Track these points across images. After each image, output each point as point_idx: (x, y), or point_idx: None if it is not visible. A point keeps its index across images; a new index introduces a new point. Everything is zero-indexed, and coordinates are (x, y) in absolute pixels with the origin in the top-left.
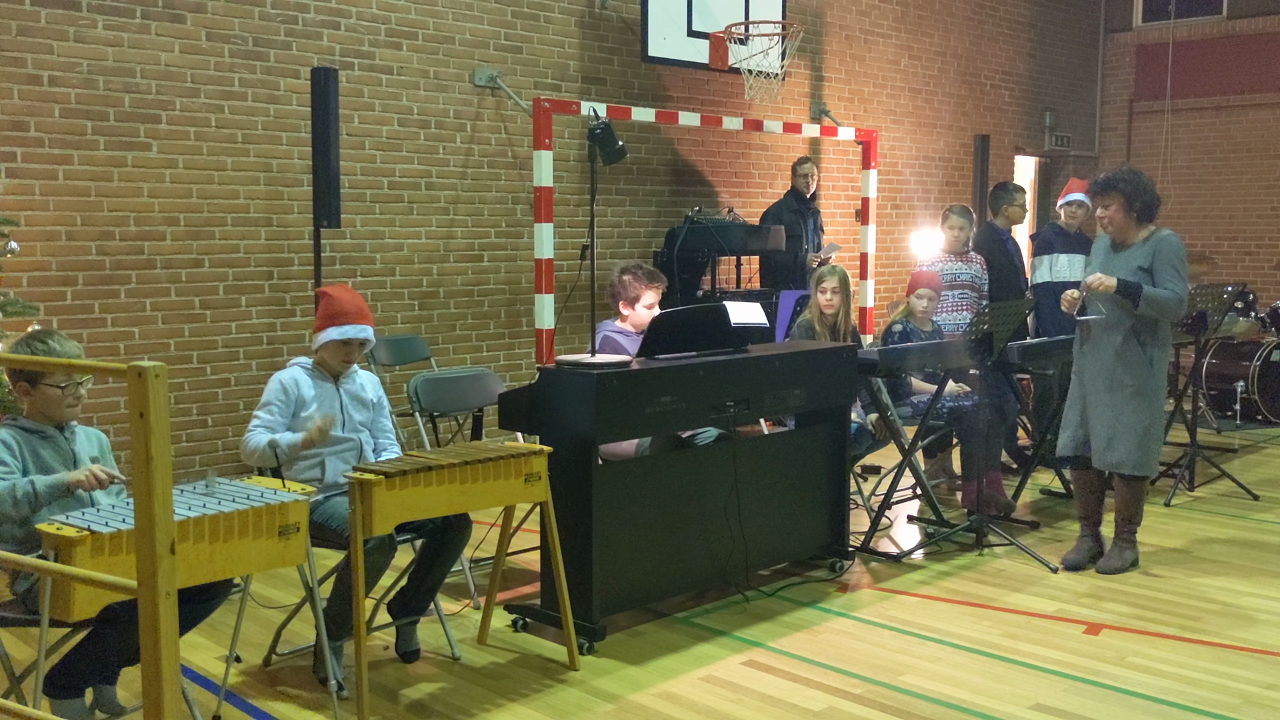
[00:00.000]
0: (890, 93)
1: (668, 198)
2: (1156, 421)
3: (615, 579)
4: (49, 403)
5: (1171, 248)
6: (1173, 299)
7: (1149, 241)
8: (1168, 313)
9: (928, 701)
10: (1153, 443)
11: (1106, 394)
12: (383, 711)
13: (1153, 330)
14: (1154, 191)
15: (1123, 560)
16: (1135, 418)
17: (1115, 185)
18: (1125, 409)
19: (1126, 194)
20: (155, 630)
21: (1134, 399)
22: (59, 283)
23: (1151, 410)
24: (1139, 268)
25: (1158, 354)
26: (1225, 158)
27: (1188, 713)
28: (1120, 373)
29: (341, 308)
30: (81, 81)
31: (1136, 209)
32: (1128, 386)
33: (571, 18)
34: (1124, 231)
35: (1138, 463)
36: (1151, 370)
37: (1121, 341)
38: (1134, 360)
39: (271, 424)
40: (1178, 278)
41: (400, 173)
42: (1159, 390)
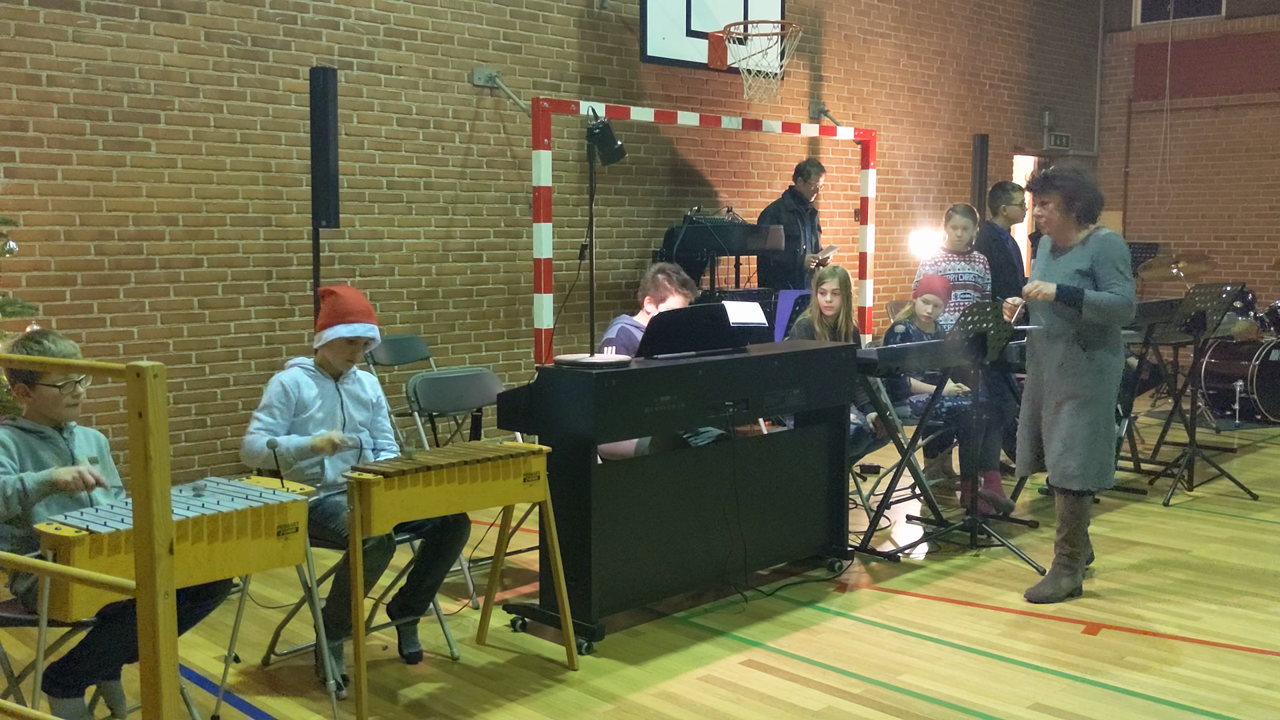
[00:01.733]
0: (889, 92)
1: (667, 197)
2: (1105, 432)
3: (614, 579)
4: (47, 403)
5: (1112, 247)
6: (1119, 302)
7: (1088, 243)
8: (1115, 317)
9: (926, 701)
10: (1095, 454)
11: (1054, 408)
12: (381, 711)
13: (1100, 336)
14: (1096, 191)
15: (1055, 588)
16: (1082, 429)
17: (1054, 183)
18: (1072, 421)
19: (1066, 192)
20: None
21: (1081, 410)
22: (58, 283)
23: (1099, 420)
24: (1078, 271)
25: (1106, 360)
26: (1224, 157)
27: (1186, 712)
28: (1066, 384)
29: (348, 306)
30: (80, 81)
31: (1076, 209)
32: (1075, 397)
33: (570, 17)
34: (1062, 232)
35: (1073, 473)
36: (1101, 378)
37: (1065, 351)
38: (1080, 369)
39: (273, 427)
40: (1122, 279)
41: (399, 172)
42: (1108, 400)
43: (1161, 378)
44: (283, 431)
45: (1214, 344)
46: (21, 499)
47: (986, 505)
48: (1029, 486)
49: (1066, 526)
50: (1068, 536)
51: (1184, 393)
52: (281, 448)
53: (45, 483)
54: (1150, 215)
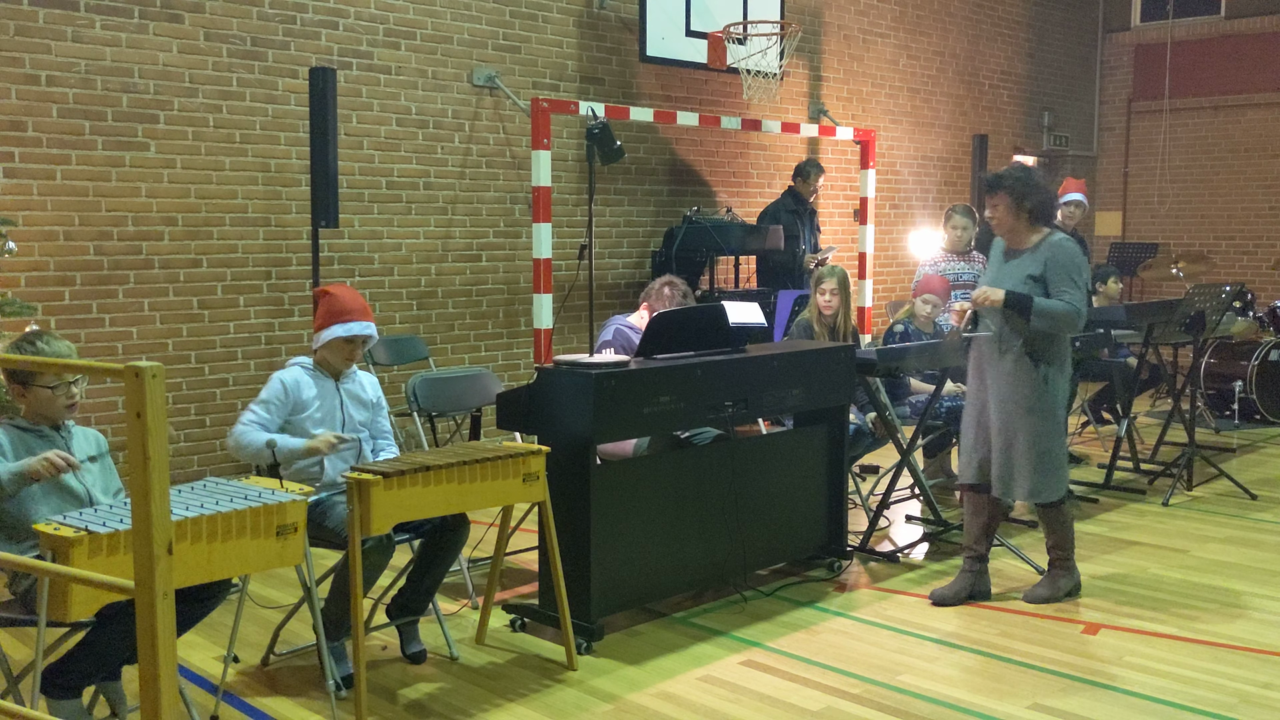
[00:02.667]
0: (889, 92)
1: (666, 197)
2: (1054, 443)
3: (613, 579)
4: (42, 403)
5: (1065, 253)
6: (1069, 311)
7: (1040, 248)
8: (1064, 326)
9: (926, 701)
10: (1053, 465)
11: (1000, 417)
12: (381, 711)
13: (1048, 345)
14: (1048, 191)
15: (1054, 589)
16: (1032, 441)
17: (1002, 183)
18: (1020, 432)
19: (1015, 192)
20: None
21: (1028, 420)
22: (57, 283)
23: (1048, 432)
24: (1029, 277)
25: (1053, 372)
26: (1223, 157)
27: (1185, 712)
28: (1013, 393)
29: (344, 305)
30: (79, 81)
31: (1026, 210)
32: (1021, 407)
33: (570, 17)
34: (1014, 235)
35: (1039, 489)
36: (1047, 388)
37: (1014, 359)
38: (1027, 379)
39: (267, 422)
40: (1074, 286)
41: (398, 173)
42: (1056, 410)
43: (1161, 378)
44: (274, 428)
45: (1213, 344)
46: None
47: None
48: None
49: (1054, 535)
50: (1058, 542)
51: (1183, 393)
52: (280, 448)
53: (18, 475)
54: (1150, 215)
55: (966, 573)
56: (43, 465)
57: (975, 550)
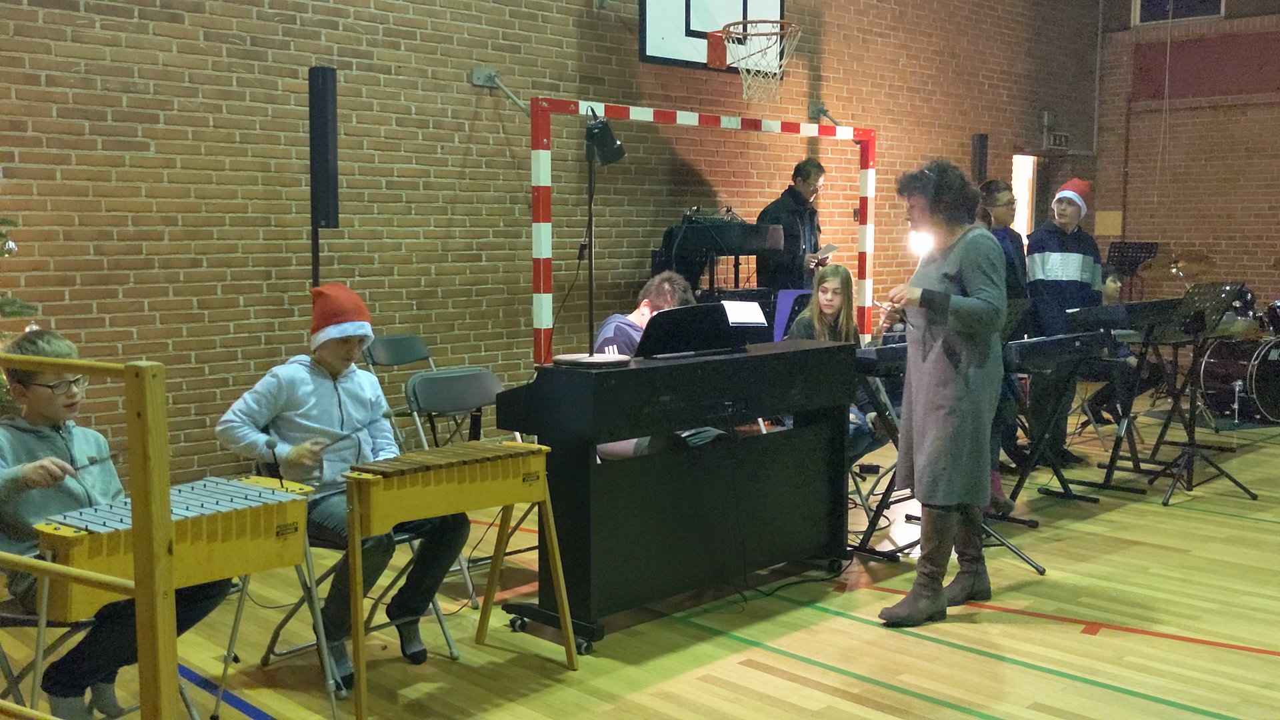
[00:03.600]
0: (888, 92)
1: (666, 197)
2: (973, 447)
3: (613, 579)
4: (41, 403)
5: (979, 250)
6: (984, 309)
7: (956, 246)
8: (979, 324)
9: (926, 701)
10: (965, 469)
11: (921, 417)
12: (381, 711)
13: (968, 344)
14: (962, 188)
15: (913, 609)
16: (946, 442)
17: (915, 183)
18: (937, 433)
19: (927, 193)
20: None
21: (945, 421)
22: (57, 282)
23: (964, 433)
24: (945, 275)
25: (975, 372)
26: (1223, 157)
27: (1186, 712)
28: (933, 394)
29: (339, 306)
30: (79, 81)
31: (941, 209)
32: (940, 408)
33: (569, 17)
34: (934, 235)
35: (947, 490)
36: (968, 390)
37: (934, 358)
38: (947, 379)
39: (254, 415)
40: (990, 283)
41: (398, 172)
42: (977, 413)
43: (1161, 377)
44: (261, 423)
45: (1213, 344)
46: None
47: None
48: (1028, 486)
49: (929, 544)
50: (930, 554)
51: (1183, 392)
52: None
53: (11, 480)
54: (1149, 215)
55: (964, 574)
56: (39, 474)
57: (966, 553)
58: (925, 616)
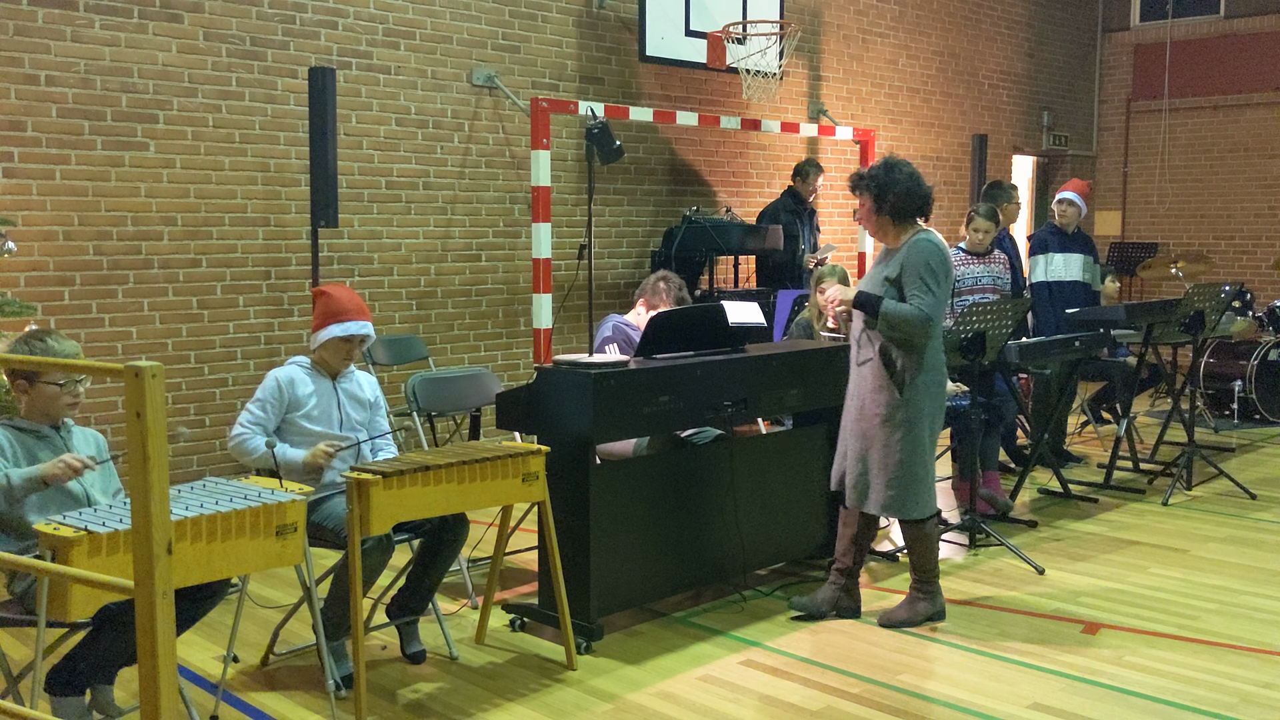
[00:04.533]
0: (888, 92)
1: (665, 197)
2: (912, 457)
3: (613, 579)
4: (47, 401)
5: (920, 254)
6: (915, 317)
7: (901, 249)
8: (910, 332)
9: (925, 701)
10: (910, 480)
11: (855, 422)
12: (380, 711)
13: (905, 353)
14: (911, 188)
15: (911, 612)
16: (885, 452)
17: (863, 182)
18: (876, 442)
19: (873, 191)
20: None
21: (883, 430)
22: (56, 282)
23: (905, 444)
24: (887, 279)
25: (912, 380)
26: (1223, 157)
27: (1186, 712)
28: (871, 401)
29: (341, 305)
30: (79, 81)
31: (886, 209)
32: (878, 416)
33: (569, 17)
34: (880, 234)
35: (893, 504)
36: (903, 399)
37: (872, 365)
38: (883, 385)
39: (263, 422)
40: (925, 289)
41: (398, 172)
42: (918, 422)
43: (1160, 377)
44: (271, 428)
45: (1212, 344)
46: (8, 495)
47: (985, 505)
48: (1028, 486)
49: (914, 554)
50: (918, 563)
51: (1182, 392)
52: (279, 454)
53: (33, 479)
54: (1149, 215)
55: (830, 585)
56: (59, 469)
57: (841, 563)
58: (924, 619)
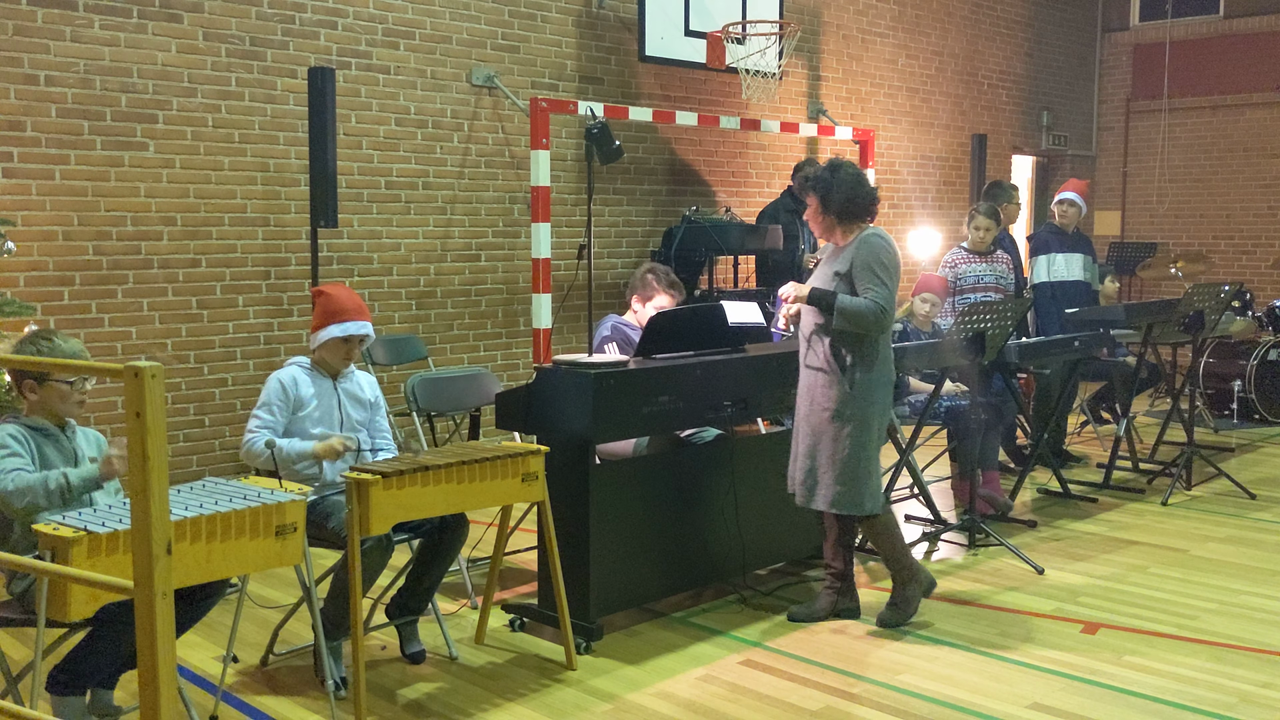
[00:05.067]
0: (888, 92)
1: (665, 197)
2: (860, 453)
3: (612, 579)
4: (56, 399)
5: (870, 249)
6: (869, 309)
7: (849, 245)
8: (865, 325)
9: (925, 701)
10: (857, 476)
11: (805, 419)
12: (380, 711)
13: (855, 347)
14: (856, 189)
15: (905, 605)
16: (834, 448)
17: (808, 182)
18: (824, 438)
19: (820, 192)
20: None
21: (832, 426)
22: (56, 282)
23: (853, 440)
24: (837, 274)
25: (861, 376)
26: (1222, 157)
27: (1185, 712)
28: (822, 396)
29: (340, 305)
30: (78, 81)
31: (833, 209)
32: (826, 411)
33: (569, 17)
34: (828, 233)
35: (840, 499)
36: (852, 394)
37: (822, 359)
38: (833, 381)
39: (272, 425)
40: (878, 283)
41: (397, 172)
42: (867, 418)
43: (1160, 377)
44: (281, 429)
45: (1212, 344)
46: (64, 494)
47: (985, 505)
48: (1028, 486)
49: (881, 548)
50: (889, 555)
51: (1182, 392)
52: (281, 450)
53: (90, 479)
54: (1148, 215)
55: (826, 590)
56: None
57: (832, 567)
58: (918, 602)
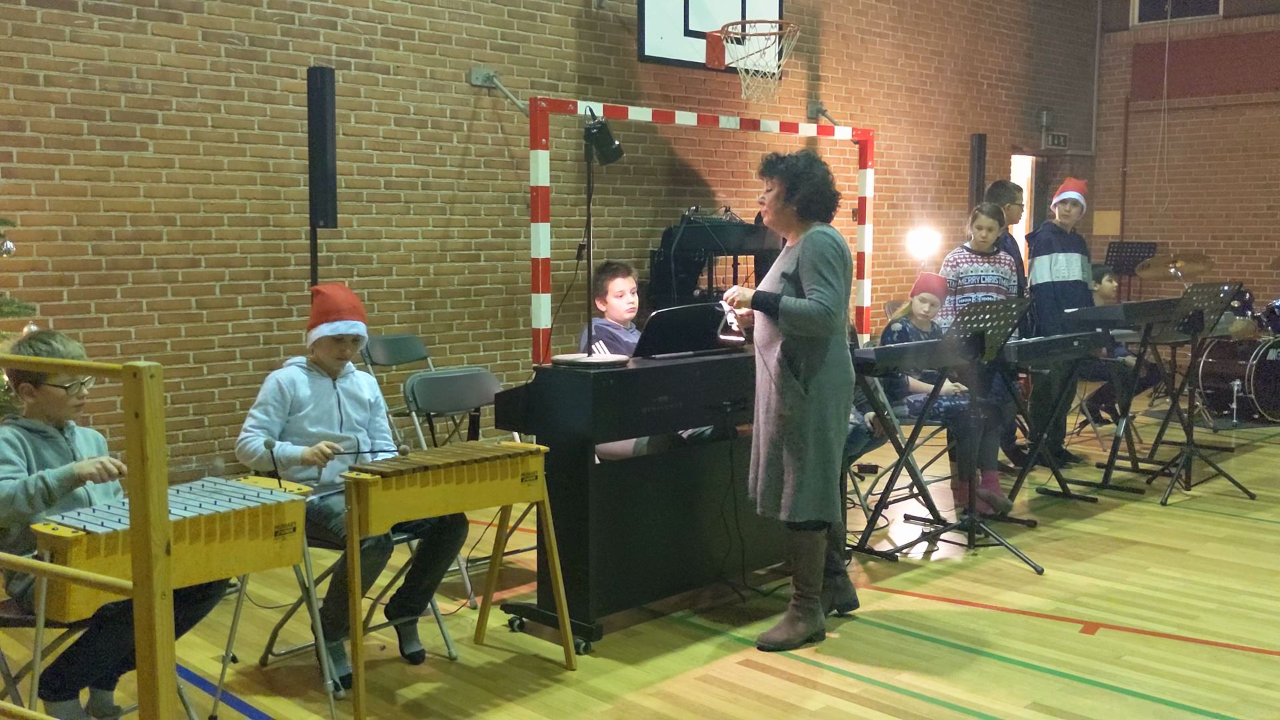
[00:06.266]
0: (887, 92)
1: (664, 197)
2: (820, 458)
3: (612, 578)
4: (53, 403)
5: (815, 247)
6: (815, 310)
7: (800, 241)
8: (811, 327)
9: (924, 700)
10: (806, 482)
11: (763, 425)
12: (379, 711)
13: (808, 349)
14: (823, 186)
15: (791, 632)
16: (794, 455)
17: (778, 167)
18: (782, 446)
19: (788, 180)
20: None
21: (785, 431)
22: (55, 283)
23: (803, 446)
24: (784, 275)
25: (817, 377)
26: (1221, 157)
27: (1184, 711)
28: (774, 400)
29: (334, 304)
30: (78, 81)
31: (797, 201)
32: (782, 416)
33: (568, 17)
34: (782, 225)
35: (803, 506)
36: (805, 398)
37: (775, 364)
38: (786, 385)
39: (267, 425)
40: (824, 282)
41: (397, 172)
42: (821, 422)
43: (1159, 377)
44: (277, 429)
45: (1211, 343)
46: (46, 497)
47: (984, 505)
48: (1027, 486)
49: (797, 564)
50: (802, 575)
51: (1181, 392)
52: (278, 452)
53: (68, 478)
54: (1148, 215)
55: (825, 589)
56: (97, 468)
57: (826, 566)
58: (803, 639)
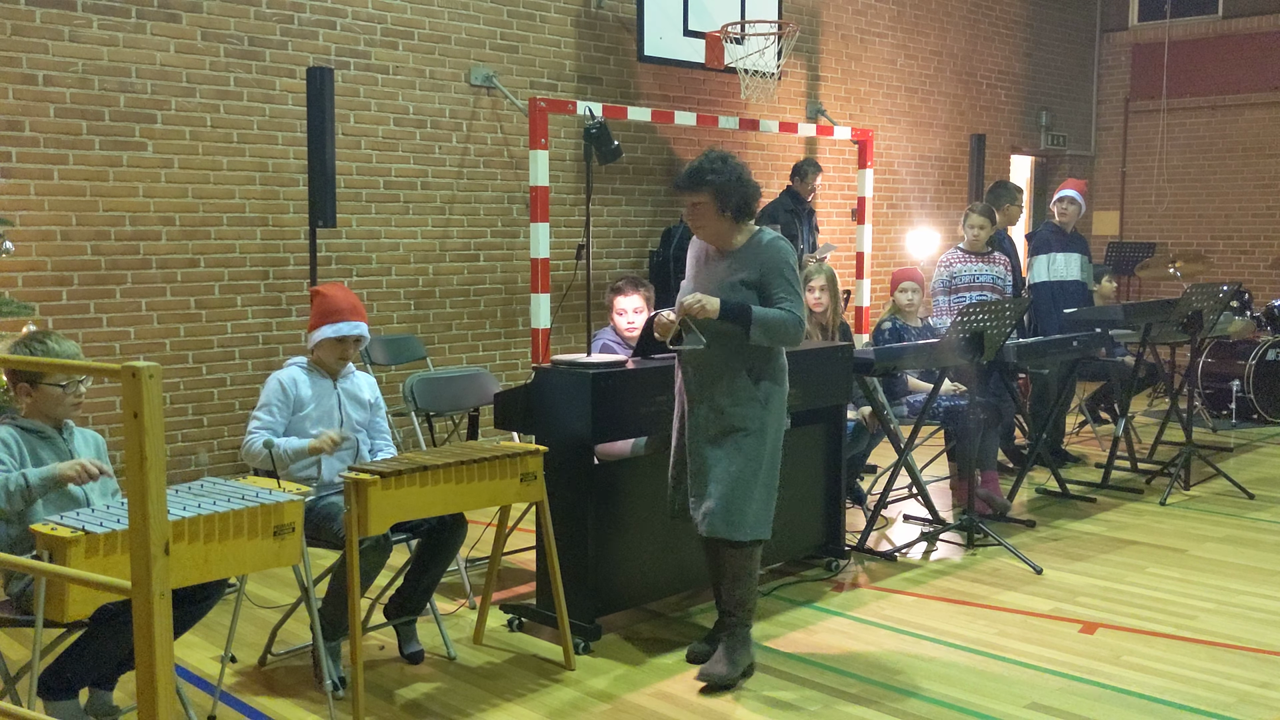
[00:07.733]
0: (886, 92)
1: (663, 197)
2: (766, 473)
3: (611, 579)
4: (50, 402)
5: (780, 254)
6: (790, 321)
7: (749, 248)
8: (784, 338)
9: (924, 701)
10: (749, 495)
11: (709, 443)
12: (378, 711)
13: (765, 360)
14: (750, 181)
15: (731, 666)
16: (744, 466)
17: (704, 177)
18: (734, 457)
19: (719, 188)
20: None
21: (744, 445)
22: (54, 283)
23: (759, 460)
24: (742, 282)
25: (773, 388)
26: (1221, 157)
27: (1184, 711)
28: (730, 414)
29: (335, 305)
30: (77, 81)
31: (732, 207)
32: (738, 430)
33: (567, 17)
34: (720, 236)
35: (756, 522)
36: (765, 408)
37: (730, 376)
38: (745, 397)
39: (272, 425)
40: (792, 291)
41: (396, 172)
42: (777, 434)
43: (1158, 377)
44: (281, 430)
45: (1210, 343)
46: (25, 495)
47: (983, 505)
48: (1026, 486)
49: (739, 588)
50: (741, 599)
51: (1180, 392)
52: (279, 449)
53: (49, 478)
54: (1147, 215)
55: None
56: (76, 470)
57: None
58: (741, 671)
